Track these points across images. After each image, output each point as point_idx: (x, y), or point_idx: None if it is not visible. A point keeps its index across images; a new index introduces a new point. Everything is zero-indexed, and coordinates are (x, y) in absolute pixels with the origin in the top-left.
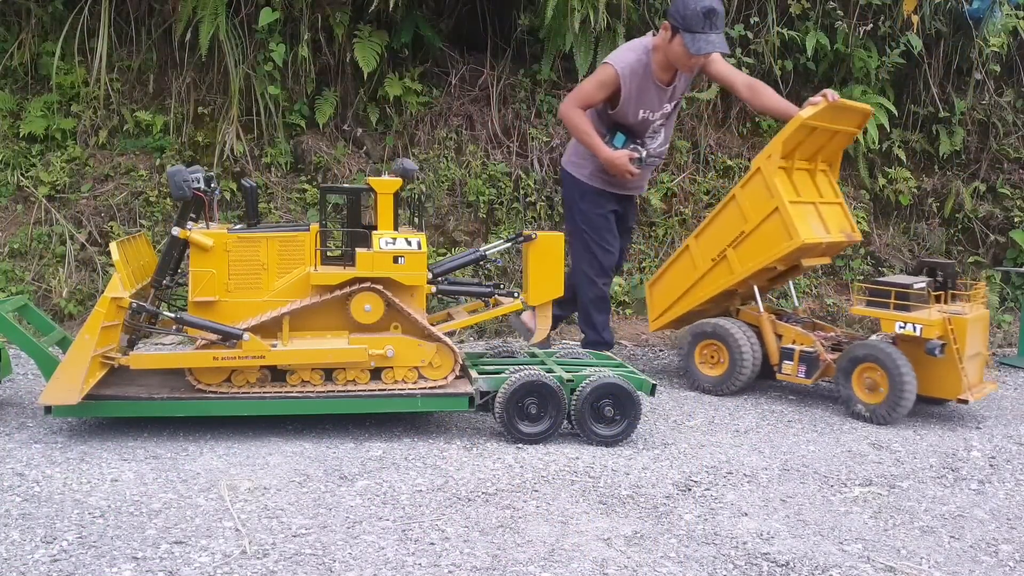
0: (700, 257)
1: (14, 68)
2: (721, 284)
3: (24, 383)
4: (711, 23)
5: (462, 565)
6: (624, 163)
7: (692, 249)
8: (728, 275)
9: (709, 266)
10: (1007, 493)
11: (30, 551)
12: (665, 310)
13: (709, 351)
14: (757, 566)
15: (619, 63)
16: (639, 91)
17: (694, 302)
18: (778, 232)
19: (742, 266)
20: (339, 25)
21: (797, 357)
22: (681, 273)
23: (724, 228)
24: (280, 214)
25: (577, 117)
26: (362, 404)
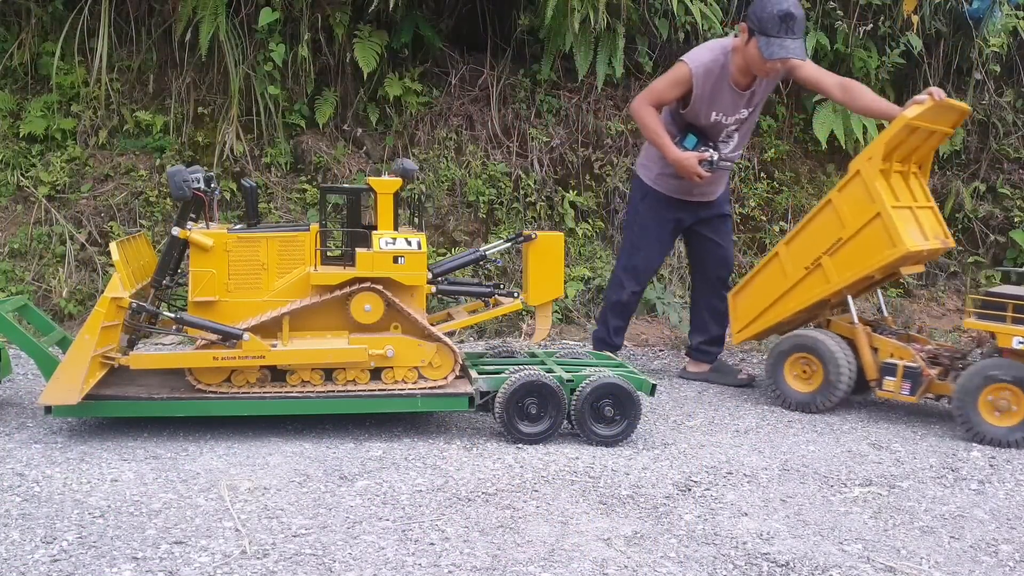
0: (792, 265)
1: (14, 68)
2: (816, 294)
3: (24, 383)
4: (788, 27)
5: (462, 565)
6: (692, 165)
7: (782, 256)
8: (824, 284)
9: (802, 275)
10: (1007, 493)
11: (30, 551)
12: (751, 321)
13: (800, 365)
14: (757, 566)
15: (694, 62)
16: (712, 93)
17: (785, 313)
18: (879, 239)
19: (839, 275)
20: (339, 25)
21: (901, 373)
22: (770, 282)
23: (819, 234)
24: (280, 214)
25: (647, 115)
26: (362, 404)
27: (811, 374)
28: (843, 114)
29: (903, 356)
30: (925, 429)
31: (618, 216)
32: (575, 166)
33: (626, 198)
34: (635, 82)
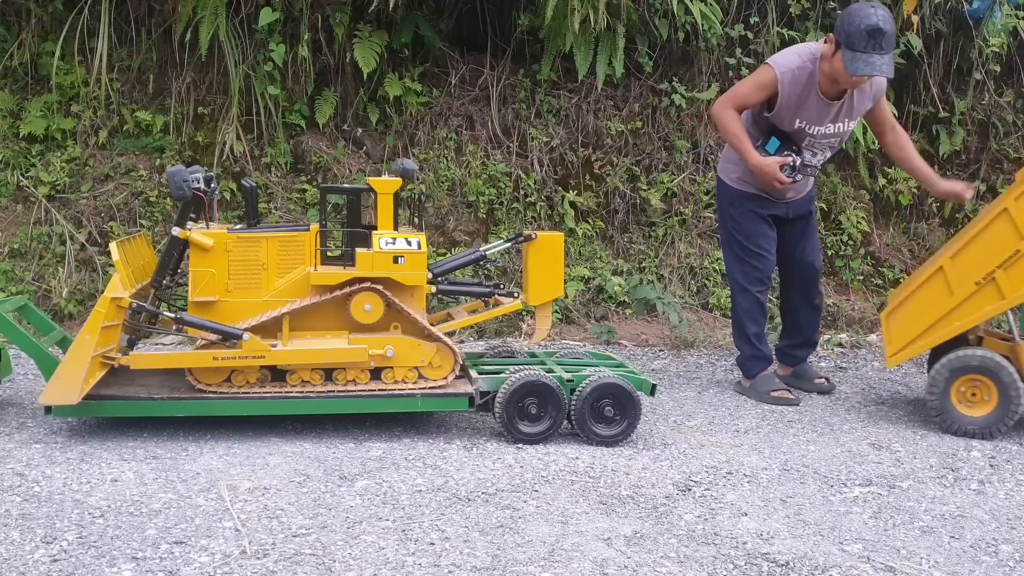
0: (958, 280)
1: (14, 68)
2: (988, 312)
3: (24, 383)
4: (875, 43)
5: (462, 565)
6: (773, 171)
7: (947, 271)
8: (997, 301)
9: (971, 291)
10: (1007, 493)
11: (30, 551)
12: (910, 342)
13: (970, 388)
14: (757, 566)
15: (780, 66)
16: (799, 100)
17: (950, 333)
18: None
19: (1015, 291)
20: (339, 25)
21: None
22: (932, 299)
23: (991, 246)
24: (280, 214)
25: (729, 118)
26: (362, 404)
27: (982, 398)
28: None
29: None
30: (925, 429)
31: (618, 216)
32: (575, 166)
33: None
34: (635, 82)
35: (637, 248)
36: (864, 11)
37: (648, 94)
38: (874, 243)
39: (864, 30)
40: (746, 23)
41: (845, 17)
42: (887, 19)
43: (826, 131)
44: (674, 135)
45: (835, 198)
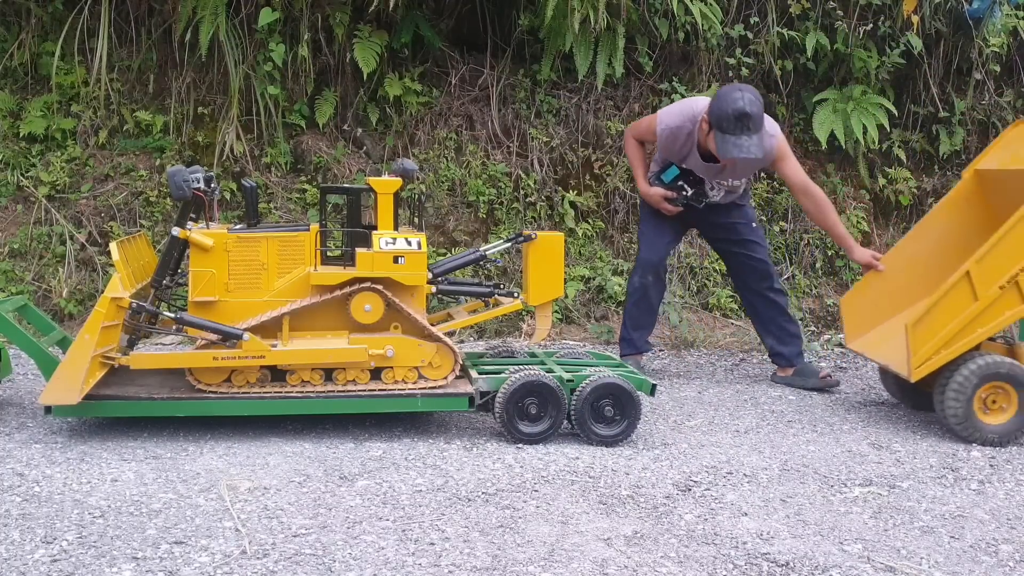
0: (983, 285)
1: (14, 68)
2: (1010, 317)
3: (24, 383)
4: (743, 126)
5: (462, 565)
6: (656, 200)
7: (974, 275)
8: (1018, 304)
9: (996, 296)
10: (1007, 493)
11: (30, 551)
12: (936, 352)
13: (991, 395)
14: (757, 566)
15: (662, 122)
16: (678, 153)
17: (976, 340)
18: None
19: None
20: (339, 25)
21: None
22: (956, 306)
23: (1016, 247)
24: (280, 214)
25: (629, 146)
26: (362, 404)
27: (1002, 405)
28: (843, 114)
29: None
30: (925, 429)
31: (618, 216)
32: (575, 166)
33: (626, 198)
34: (635, 82)
35: (637, 248)
36: (731, 96)
37: (648, 94)
38: (874, 243)
39: (732, 115)
40: (746, 23)
41: (715, 101)
42: (753, 102)
43: (722, 183)
44: None
45: (835, 198)
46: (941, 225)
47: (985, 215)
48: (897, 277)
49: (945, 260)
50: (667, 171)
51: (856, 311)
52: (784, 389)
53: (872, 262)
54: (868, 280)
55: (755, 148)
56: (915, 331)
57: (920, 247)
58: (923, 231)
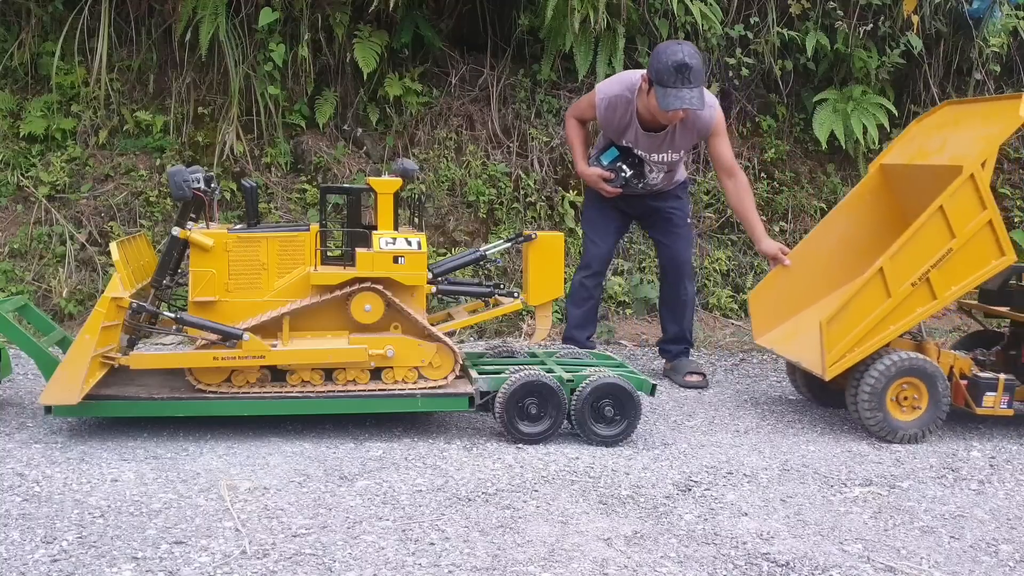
0: (896, 281)
1: (14, 68)
2: (921, 314)
3: (24, 383)
4: (683, 77)
5: (462, 565)
6: (594, 181)
7: (887, 272)
8: (929, 302)
9: (908, 292)
10: (1007, 493)
11: (30, 551)
12: (850, 350)
13: (903, 392)
14: (757, 566)
15: (600, 92)
16: (618, 126)
17: (889, 337)
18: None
19: (945, 289)
20: (339, 25)
21: (1002, 386)
22: (870, 303)
23: (926, 245)
24: (280, 214)
25: (569, 127)
26: (362, 404)
27: (915, 401)
28: (843, 114)
29: (964, 368)
30: None
31: None
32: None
33: None
34: None
35: (637, 248)
36: (670, 48)
37: None
38: None
39: (671, 66)
40: (746, 23)
41: (654, 56)
42: (693, 54)
43: (654, 158)
44: None
45: (835, 198)
46: (847, 220)
47: (890, 210)
48: (804, 272)
49: (851, 256)
50: (606, 152)
51: (763, 306)
52: (784, 389)
53: (779, 255)
54: (775, 275)
55: (697, 100)
56: (829, 328)
57: (826, 242)
58: (829, 226)
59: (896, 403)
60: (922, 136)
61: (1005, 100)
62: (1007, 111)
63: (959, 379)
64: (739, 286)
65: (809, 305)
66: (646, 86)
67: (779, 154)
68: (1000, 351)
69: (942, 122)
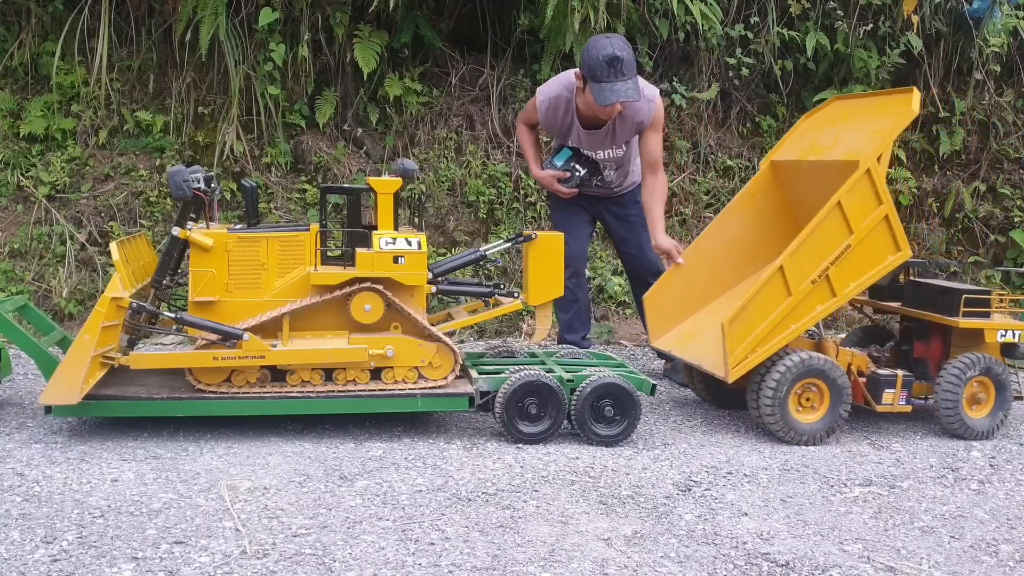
0: (796, 279)
1: (14, 68)
2: (821, 312)
3: (24, 383)
4: (616, 70)
5: (462, 565)
6: (549, 182)
7: (787, 271)
8: (829, 299)
9: (808, 290)
10: (1007, 493)
11: (30, 551)
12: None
13: (805, 393)
14: (757, 566)
15: (541, 94)
16: (560, 126)
17: (791, 336)
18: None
19: (844, 286)
20: (339, 25)
21: (900, 383)
22: (770, 302)
23: (825, 242)
24: (280, 214)
25: (520, 132)
26: (362, 404)
27: (814, 403)
28: None
29: (861, 365)
30: (925, 429)
31: None
32: None
33: None
34: None
35: None
36: (600, 43)
37: None
38: None
39: (602, 60)
40: (746, 23)
41: (585, 52)
42: (623, 46)
43: (599, 155)
44: (674, 135)
45: None
46: (738, 219)
47: (782, 208)
48: (697, 272)
49: (743, 255)
50: (559, 154)
51: (658, 308)
52: None
53: (672, 252)
54: (669, 277)
55: (632, 91)
56: (731, 329)
57: (718, 242)
58: (721, 225)
59: (798, 404)
60: (812, 132)
61: (897, 94)
62: (899, 105)
63: (857, 377)
64: None
65: (704, 305)
66: (581, 83)
67: None
68: (893, 347)
69: (832, 117)
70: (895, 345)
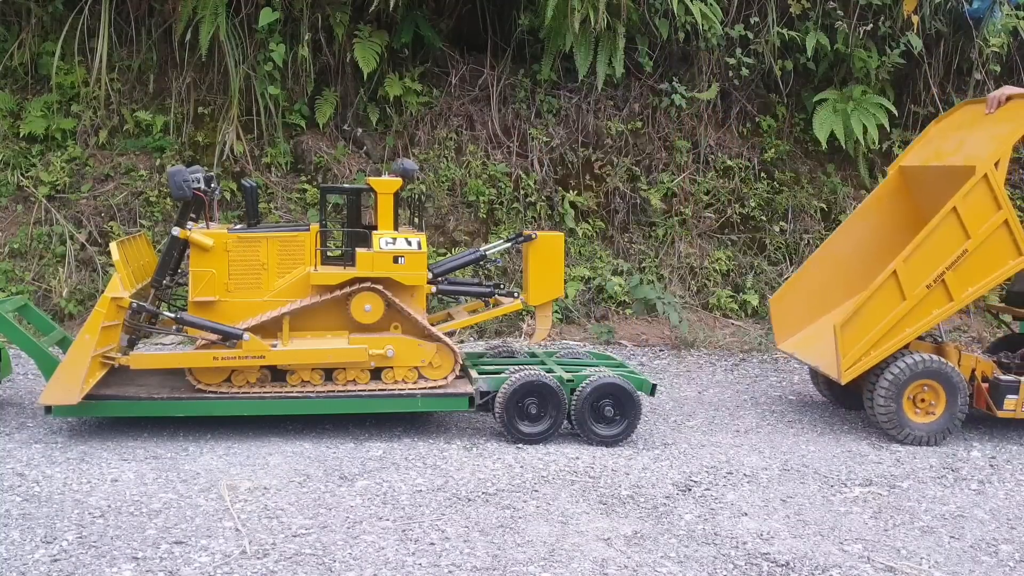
0: (910, 284)
1: (14, 68)
2: (937, 316)
3: (24, 383)
4: None
5: (462, 565)
6: None
7: (901, 275)
8: (946, 303)
9: (923, 295)
10: (1007, 493)
11: (30, 551)
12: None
13: (920, 394)
14: (757, 566)
15: None
16: None
17: (906, 340)
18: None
19: (962, 291)
20: (339, 25)
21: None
22: (885, 306)
23: (940, 247)
24: (280, 214)
25: None
26: (362, 404)
27: (930, 404)
28: (843, 114)
29: (986, 371)
30: None
31: (618, 216)
32: (575, 166)
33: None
34: (635, 82)
35: (637, 248)
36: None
37: (648, 94)
38: None
39: None
40: (746, 23)
41: None
42: None
43: None
44: (674, 135)
45: (835, 198)
46: (867, 223)
47: (910, 212)
48: (825, 276)
49: (872, 258)
50: None
51: (785, 311)
52: (784, 389)
53: None
54: (796, 280)
55: None
56: (844, 332)
57: (847, 246)
58: (849, 229)
59: (912, 405)
60: (939, 137)
61: (1020, 99)
62: (1018, 110)
63: (980, 382)
64: (739, 286)
65: (831, 309)
66: None
67: (779, 154)
68: None
69: (960, 123)
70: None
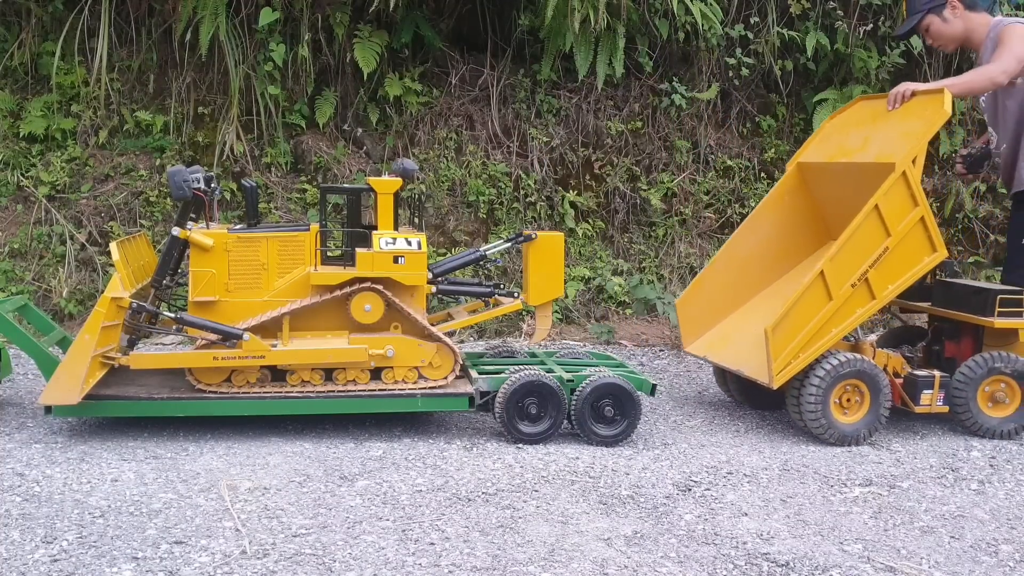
0: (836, 284)
1: (14, 68)
2: (861, 315)
3: (24, 383)
4: None
5: (462, 565)
6: None
7: (828, 275)
8: (868, 302)
9: (848, 294)
10: (1007, 493)
11: (30, 551)
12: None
13: (845, 394)
14: (757, 566)
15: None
16: None
17: (832, 340)
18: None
19: (883, 289)
20: (339, 25)
21: (938, 384)
22: (813, 307)
23: (863, 245)
24: (280, 214)
25: None
26: (362, 404)
27: (854, 403)
28: None
29: (897, 366)
30: (925, 429)
31: (618, 216)
32: (575, 166)
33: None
34: (635, 82)
35: (637, 248)
36: None
37: (648, 94)
38: None
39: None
40: (746, 23)
41: None
42: None
43: None
44: (674, 135)
45: None
46: (767, 221)
47: (808, 209)
48: (730, 276)
49: (772, 256)
50: None
51: (691, 313)
52: None
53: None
54: (701, 280)
55: None
56: (775, 336)
57: (748, 244)
58: (750, 228)
59: (839, 406)
60: (839, 134)
61: (926, 96)
62: (931, 106)
63: (893, 378)
64: None
65: (734, 309)
66: None
67: (779, 154)
68: (924, 347)
69: (859, 119)
70: (926, 345)
